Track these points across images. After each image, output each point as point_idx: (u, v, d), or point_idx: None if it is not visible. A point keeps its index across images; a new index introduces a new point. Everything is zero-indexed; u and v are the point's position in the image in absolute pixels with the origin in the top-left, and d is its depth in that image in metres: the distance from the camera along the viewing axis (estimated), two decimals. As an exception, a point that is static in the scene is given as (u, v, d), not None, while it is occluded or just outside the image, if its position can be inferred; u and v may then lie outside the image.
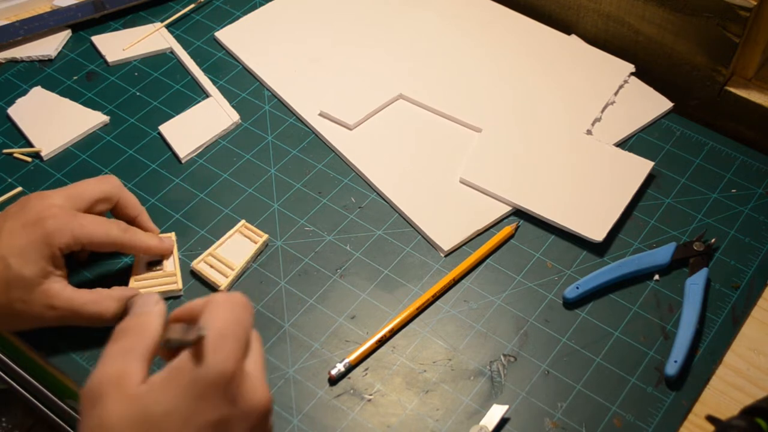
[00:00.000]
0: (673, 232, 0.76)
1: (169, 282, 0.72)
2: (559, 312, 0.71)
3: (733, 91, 0.83)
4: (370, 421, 0.65)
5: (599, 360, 0.68)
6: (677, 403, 0.65)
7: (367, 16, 0.94)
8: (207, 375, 0.46)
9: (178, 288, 0.72)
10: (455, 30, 0.92)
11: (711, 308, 0.71)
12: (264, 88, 0.89)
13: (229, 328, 0.48)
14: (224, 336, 0.47)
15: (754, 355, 0.68)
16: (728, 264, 0.73)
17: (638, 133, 0.83)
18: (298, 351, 0.69)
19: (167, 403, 0.46)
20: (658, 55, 0.86)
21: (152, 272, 0.72)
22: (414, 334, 0.70)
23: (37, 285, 0.63)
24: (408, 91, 0.86)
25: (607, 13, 0.87)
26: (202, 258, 0.73)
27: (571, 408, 0.65)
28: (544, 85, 0.87)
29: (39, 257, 0.63)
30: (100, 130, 0.85)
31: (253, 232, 0.75)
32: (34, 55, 0.91)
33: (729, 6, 0.77)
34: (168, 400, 0.46)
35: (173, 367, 0.47)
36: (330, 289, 0.73)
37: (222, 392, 0.47)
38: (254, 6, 0.97)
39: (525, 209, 0.77)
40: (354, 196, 0.79)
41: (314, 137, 0.84)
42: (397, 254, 0.75)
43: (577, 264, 0.74)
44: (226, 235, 0.75)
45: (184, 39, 0.94)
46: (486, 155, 0.81)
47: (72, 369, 0.68)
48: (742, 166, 0.80)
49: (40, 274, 0.63)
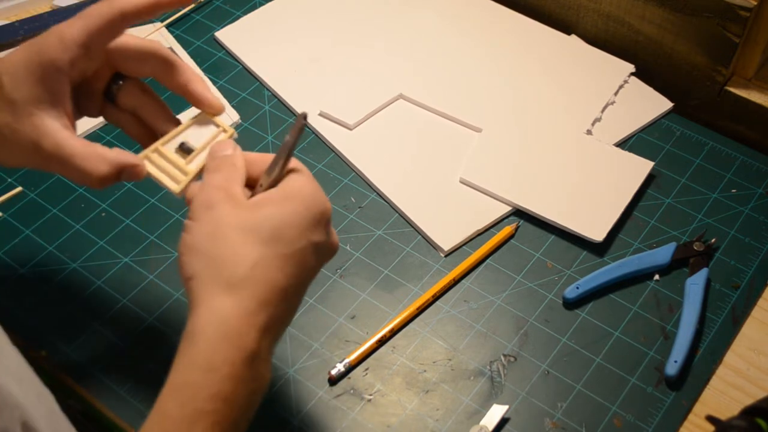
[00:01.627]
0: (673, 232, 0.76)
1: (175, 179, 0.58)
2: (559, 312, 0.71)
3: (733, 91, 0.83)
4: (370, 421, 0.65)
5: (599, 360, 0.68)
6: (677, 403, 0.65)
7: (367, 16, 0.94)
8: (320, 201, 0.53)
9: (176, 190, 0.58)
10: (455, 30, 0.92)
11: (711, 308, 0.71)
12: (264, 88, 0.89)
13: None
14: (316, 183, 0.54)
15: (754, 355, 0.68)
16: (728, 264, 0.73)
17: (638, 133, 0.83)
18: (298, 351, 0.69)
19: (286, 215, 0.51)
20: (658, 55, 0.86)
21: (175, 154, 0.59)
22: (414, 334, 0.70)
23: (26, 114, 0.55)
24: (408, 91, 0.86)
25: (607, 13, 0.87)
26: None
27: (571, 408, 0.65)
28: (544, 85, 0.87)
29: (32, 80, 0.55)
30: (100, 130, 0.85)
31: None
32: (34, 55, 0.91)
33: (729, 6, 0.77)
34: (286, 213, 0.51)
35: (284, 190, 0.52)
36: (330, 289, 0.73)
37: (325, 223, 0.53)
38: (254, 6, 0.97)
39: (525, 209, 0.77)
40: (354, 196, 0.79)
41: (314, 137, 0.84)
42: (397, 254, 0.75)
43: (577, 264, 0.74)
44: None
45: (184, 39, 0.94)
46: (486, 155, 0.81)
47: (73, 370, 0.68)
48: (742, 166, 0.80)
49: (31, 101, 0.55)
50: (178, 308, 0.71)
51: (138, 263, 0.74)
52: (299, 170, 0.54)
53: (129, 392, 0.66)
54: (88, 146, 0.57)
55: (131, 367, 0.68)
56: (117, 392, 0.66)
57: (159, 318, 0.71)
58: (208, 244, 0.50)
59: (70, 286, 0.73)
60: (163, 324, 0.70)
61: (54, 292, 0.73)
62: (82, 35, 0.57)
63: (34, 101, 0.56)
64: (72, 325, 0.71)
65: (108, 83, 0.62)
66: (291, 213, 0.51)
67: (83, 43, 0.57)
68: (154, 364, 0.68)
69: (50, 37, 0.57)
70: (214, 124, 0.61)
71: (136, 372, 0.68)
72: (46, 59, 0.56)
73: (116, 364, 0.68)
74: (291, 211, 0.51)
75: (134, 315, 0.71)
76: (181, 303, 0.72)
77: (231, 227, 0.51)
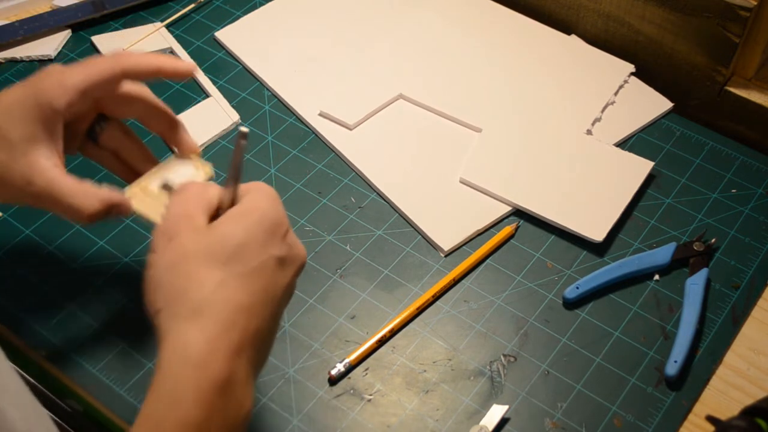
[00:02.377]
0: (673, 232, 0.76)
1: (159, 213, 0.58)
2: (559, 312, 0.71)
3: (733, 91, 0.83)
4: (370, 421, 0.65)
5: (599, 360, 0.68)
6: (677, 403, 0.65)
7: (367, 15, 0.94)
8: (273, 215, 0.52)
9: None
10: (455, 30, 0.92)
11: (711, 308, 0.71)
12: (264, 88, 0.89)
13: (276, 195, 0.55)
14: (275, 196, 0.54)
15: (754, 355, 0.68)
16: (728, 264, 0.73)
17: (638, 133, 0.83)
18: (298, 351, 0.69)
19: (242, 234, 0.51)
20: (658, 55, 0.86)
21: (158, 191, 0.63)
22: (414, 334, 0.70)
23: (21, 152, 0.57)
24: (408, 91, 0.86)
25: (607, 13, 0.87)
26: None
27: (571, 408, 0.65)
28: (544, 85, 0.87)
29: (28, 118, 0.57)
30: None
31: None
32: (33, 55, 0.91)
33: (729, 6, 0.77)
34: (242, 232, 0.51)
35: (237, 210, 0.52)
36: (330, 289, 0.73)
37: (283, 234, 0.53)
38: (254, 6, 0.97)
39: (525, 209, 0.77)
40: (354, 196, 0.79)
41: (314, 137, 0.84)
42: (397, 254, 0.75)
43: (577, 264, 0.74)
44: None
45: (184, 39, 0.94)
46: (486, 155, 0.81)
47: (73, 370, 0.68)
48: (742, 166, 0.80)
49: (27, 139, 0.57)
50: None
51: (138, 263, 0.74)
52: (256, 189, 0.54)
53: (129, 392, 0.66)
54: (79, 184, 0.59)
55: (131, 367, 0.68)
56: (116, 392, 0.66)
57: (159, 318, 0.71)
58: (170, 276, 0.50)
59: (70, 286, 0.73)
60: (163, 324, 0.70)
61: (54, 292, 0.73)
62: (84, 83, 0.59)
63: (30, 140, 0.57)
64: (72, 325, 0.71)
65: (92, 124, 0.65)
66: (246, 231, 0.51)
67: (83, 90, 0.59)
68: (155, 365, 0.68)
69: (49, 79, 0.59)
70: (192, 164, 0.65)
71: (136, 372, 0.68)
72: (44, 100, 0.58)
73: (116, 364, 0.68)
74: (246, 228, 0.51)
75: (134, 315, 0.71)
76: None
77: (191, 254, 0.50)
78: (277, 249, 0.52)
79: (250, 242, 0.51)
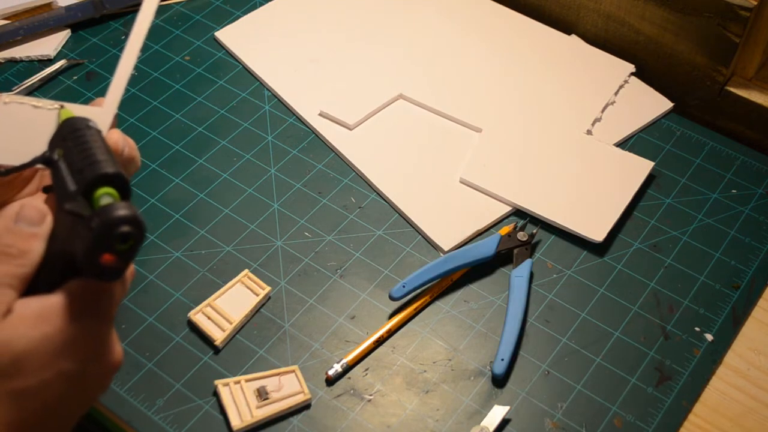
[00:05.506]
0: (674, 232, 0.76)
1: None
2: (559, 312, 0.71)
3: (733, 91, 0.83)
4: (370, 421, 0.65)
5: (599, 360, 0.68)
6: (677, 403, 0.65)
7: (367, 15, 0.94)
8: (83, 321, 0.43)
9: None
10: (455, 30, 0.92)
11: (711, 308, 0.71)
12: (264, 88, 0.89)
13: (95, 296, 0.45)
14: (97, 295, 0.44)
15: (754, 355, 0.68)
16: (728, 264, 0.73)
17: (638, 133, 0.83)
18: (298, 351, 0.69)
19: (32, 341, 0.42)
20: (658, 55, 0.86)
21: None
22: (414, 334, 0.70)
23: None
24: (408, 91, 0.86)
25: (607, 13, 0.87)
26: (201, 308, 0.70)
27: (572, 408, 0.65)
28: (545, 85, 0.87)
29: None
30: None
31: (255, 284, 0.72)
32: (33, 55, 0.91)
33: (729, 6, 0.77)
34: (34, 337, 0.42)
35: (47, 306, 0.43)
36: (330, 289, 0.73)
37: (90, 344, 0.44)
38: (254, 6, 0.97)
39: (525, 209, 0.77)
40: (354, 196, 0.79)
41: (314, 137, 0.84)
42: (397, 254, 0.75)
43: (577, 264, 0.74)
44: (228, 285, 0.72)
45: (184, 39, 0.94)
46: (486, 155, 0.81)
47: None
48: (742, 166, 0.80)
49: None
50: (179, 308, 0.71)
51: (138, 263, 0.74)
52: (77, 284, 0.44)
53: (129, 392, 0.66)
54: None
55: (131, 368, 0.68)
56: (117, 392, 0.66)
57: (159, 318, 0.71)
58: None
59: (70, 286, 0.73)
60: (163, 324, 0.70)
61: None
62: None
63: None
64: (72, 325, 0.71)
65: None
66: (31, 341, 0.42)
67: None
68: (154, 365, 0.68)
69: None
70: None
71: (136, 372, 0.68)
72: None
73: (116, 364, 0.68)
74: (33, 339, 0.42)
75: (134, 315, 0.71)
76: (182, 303, 0.72)
77: None
78: (72, 362, 0.43)
79: (34, 355, 0.42)
